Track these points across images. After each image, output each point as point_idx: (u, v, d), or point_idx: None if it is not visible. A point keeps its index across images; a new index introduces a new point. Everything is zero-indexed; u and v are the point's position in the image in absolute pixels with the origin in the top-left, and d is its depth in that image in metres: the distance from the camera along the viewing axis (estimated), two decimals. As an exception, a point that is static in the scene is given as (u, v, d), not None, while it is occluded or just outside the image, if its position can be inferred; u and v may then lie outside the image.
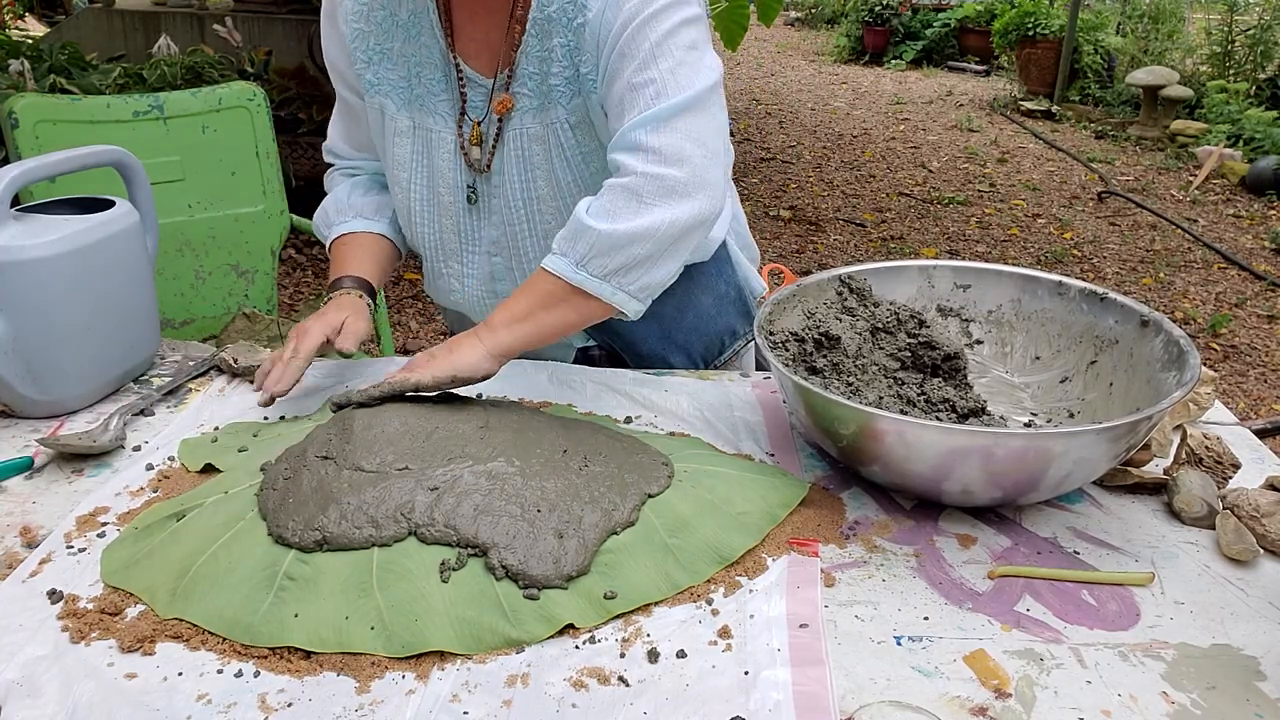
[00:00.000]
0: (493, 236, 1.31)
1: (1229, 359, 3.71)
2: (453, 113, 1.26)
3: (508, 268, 1.33)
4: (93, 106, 1.96)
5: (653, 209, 1.08)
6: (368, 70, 1.27)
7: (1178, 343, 1.08)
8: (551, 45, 1.17)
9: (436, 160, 1.28)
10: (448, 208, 1.30)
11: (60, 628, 0.85)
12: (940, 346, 1.18)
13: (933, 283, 1.31)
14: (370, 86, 1.28)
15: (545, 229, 1.28)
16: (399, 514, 0.92)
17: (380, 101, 1.28)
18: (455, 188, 1.29)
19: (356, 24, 1.26)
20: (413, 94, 1.27)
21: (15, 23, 6.62)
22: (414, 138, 1.28)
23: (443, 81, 1.25)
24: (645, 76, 1.10)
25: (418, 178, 1.30)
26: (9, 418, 1.21)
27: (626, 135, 1.10)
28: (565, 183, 1.25)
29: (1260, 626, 0.88)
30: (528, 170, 1.25)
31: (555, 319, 1.12)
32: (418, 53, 1.24)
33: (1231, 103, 6.63)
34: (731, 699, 0.78)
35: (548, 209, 1.27)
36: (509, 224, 1.29)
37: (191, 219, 2.07)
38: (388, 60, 1.26)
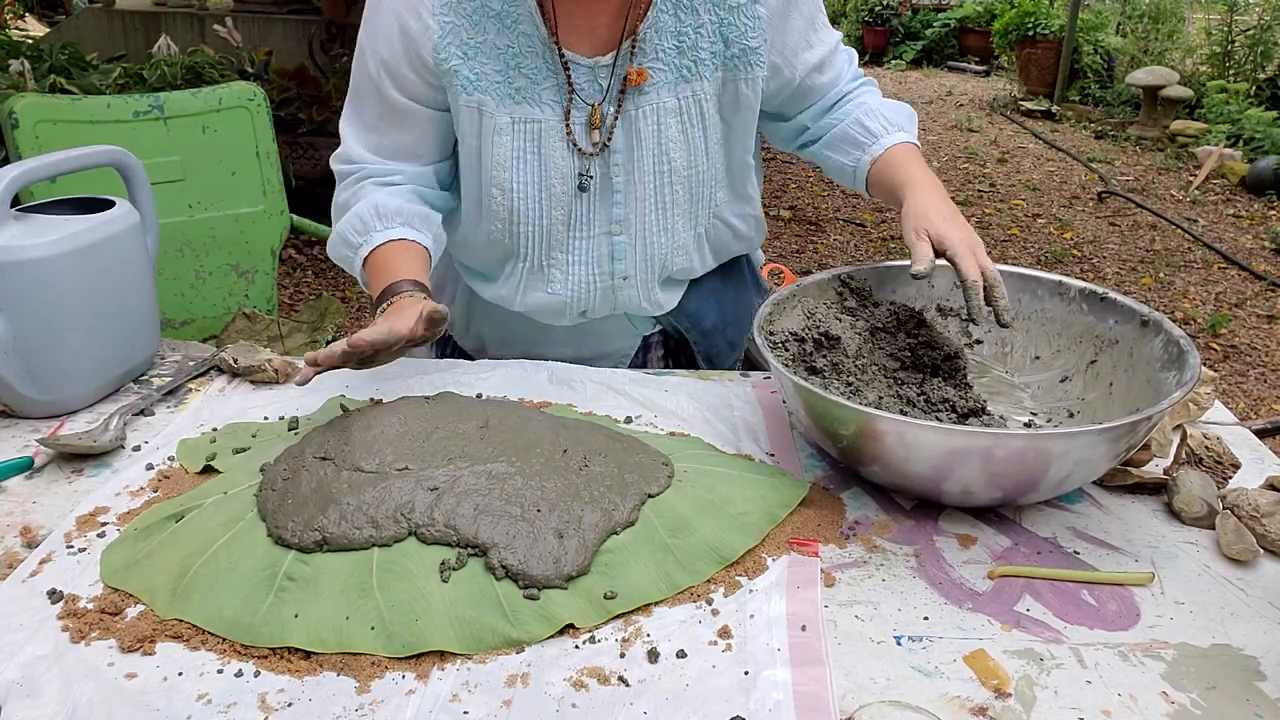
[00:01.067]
0: (616, 215, 1.30)
1: (1229, 359, 3.72)
2: (558, 100, 1.24)
3: (630, 245, 1.32)
4: (93, 106, 1.97)
5: None
6: (464, 66, 1.21)
7: (1178, 343, 1.08)
8: (700, 21, 1.22)
9: (547, 151, 1.25)
10: (559, 197, 1.27)
11: (60, 628, 0.85)
12: (940, 346, 1.18)
13: (932, 282, 1.31)
14: (467, 83, 1.22)
15: (672, 199, 1.29)
16: (399, 514, 0.92)
17: (479, 99, 1.23)
18: (567, 176, 1.26)
19: (447, 18, 1.20)
20: (512, 87, 1.23)
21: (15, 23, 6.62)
22: (514, 133, 1.24)
23: (544, 69, 1.22)
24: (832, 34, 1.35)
25: (523, 174, 1.26)
26: (9, 418, 1.21)
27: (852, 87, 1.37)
28: (700, 154, 1.29)
29: (1260, 626, 0.88)
30: (661, 144, 1.26)
31: None
32: (515, 43, 1.21)
33: (1231, 103, 6.63)
34: (731, 699, 0.78)
35: (678, 180, 1.28)
36: (637, 199, 1.28)
37: (191, 219, 2.07)
38: (483, 54, 1.21)
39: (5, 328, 1.15)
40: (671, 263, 1.35)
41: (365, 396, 1.25)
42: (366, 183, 1.29)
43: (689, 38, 1.22)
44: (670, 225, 1.32)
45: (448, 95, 1.25)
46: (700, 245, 1.38)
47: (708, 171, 1.31)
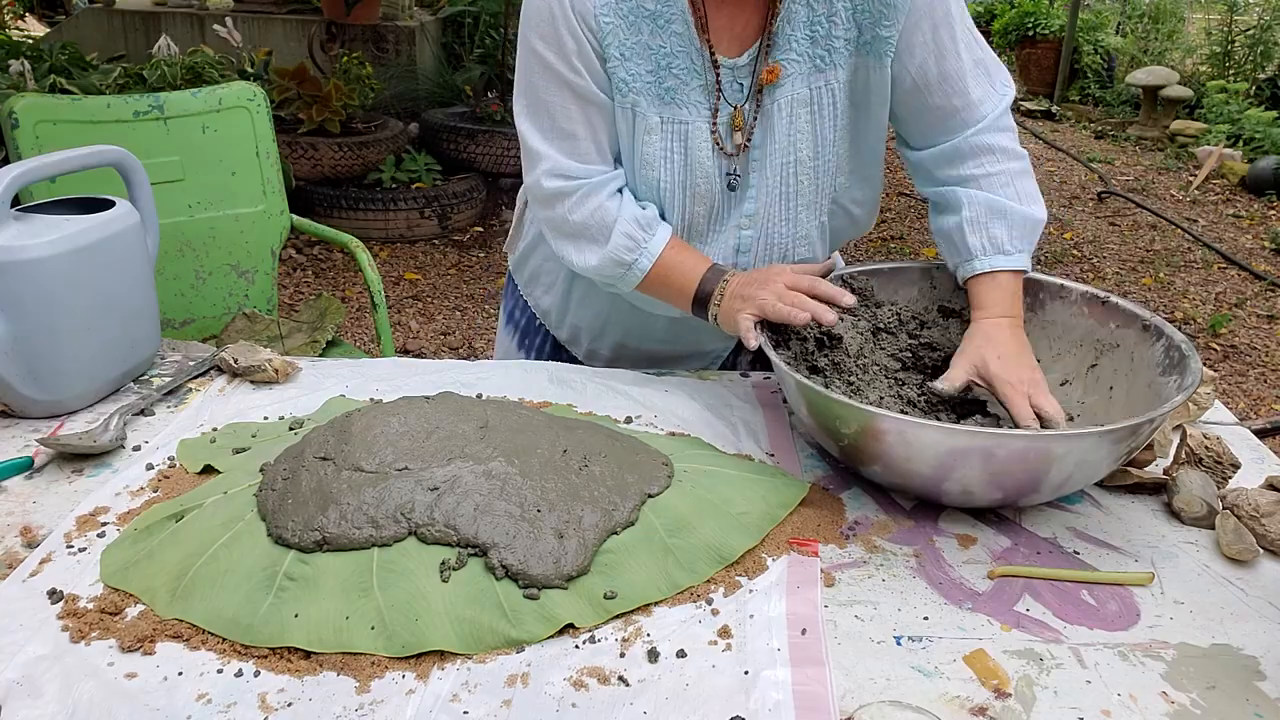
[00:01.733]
0: (747, 210, 1.30)
1: (1229, 359, 3.72)
2: (706, 100, 1.24)
3: (756, 238, 1.32)
4: (93, 106, 1.96)
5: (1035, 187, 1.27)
6: (620, 67, 1.21)
7: (1179, 347, 1.08)
8: (834, 10, 1.20)
9: (694, 151, 1.25)
10: (703, 196, 1.27)
11: (60, 628, 0.85)
12: (941, 348, 1.18)
13: (934, 284, 1.31)
14: (623, 84, 1.22)
15: (797, 191, 1.29)
16: (399, 514, 0.92)
17: (633, 100, 1.23)
18: (712, 176, 1.27)
19: (608, 19, 1.19)
20: (663, 87, 1.23)
21: (15, 23, 6.61)
22: (663, 133, 1.24)
23: (691, 70, 1.23)
24: (975, 56, 1.25)
25: (669, 173, 1.26)
26: (9, 418, 1.21)
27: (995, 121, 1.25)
28: (827, 144, 1.28)
29: (1260, 626, 0.88)
30: (792, 136, 1.25)
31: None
32: (667, 43, 1.21)
33: (1231, 103, 6.63)
34: (731, 699, 0.78)
35: (804, 172, 1.28)
36: (766, 193, 1.29)
37: (191, 219, 2.06)
38: (637, 55, 1.22)
39: (5, 328, 1.15)
40: (794, 253, 1.34)
41: (365, 396, 1.25)
42: (599, 197, 1.26)
43: (822, 27, 1.22)
44: (794, 216, 1.31)
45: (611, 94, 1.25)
46: (822, 234, 1.37)
47: (833, 160, 1.30)
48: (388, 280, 4.17)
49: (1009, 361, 1.10)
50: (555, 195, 1.26)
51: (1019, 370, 1.09)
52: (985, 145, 1.24)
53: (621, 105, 1.24)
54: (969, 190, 1.24)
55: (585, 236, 1.27)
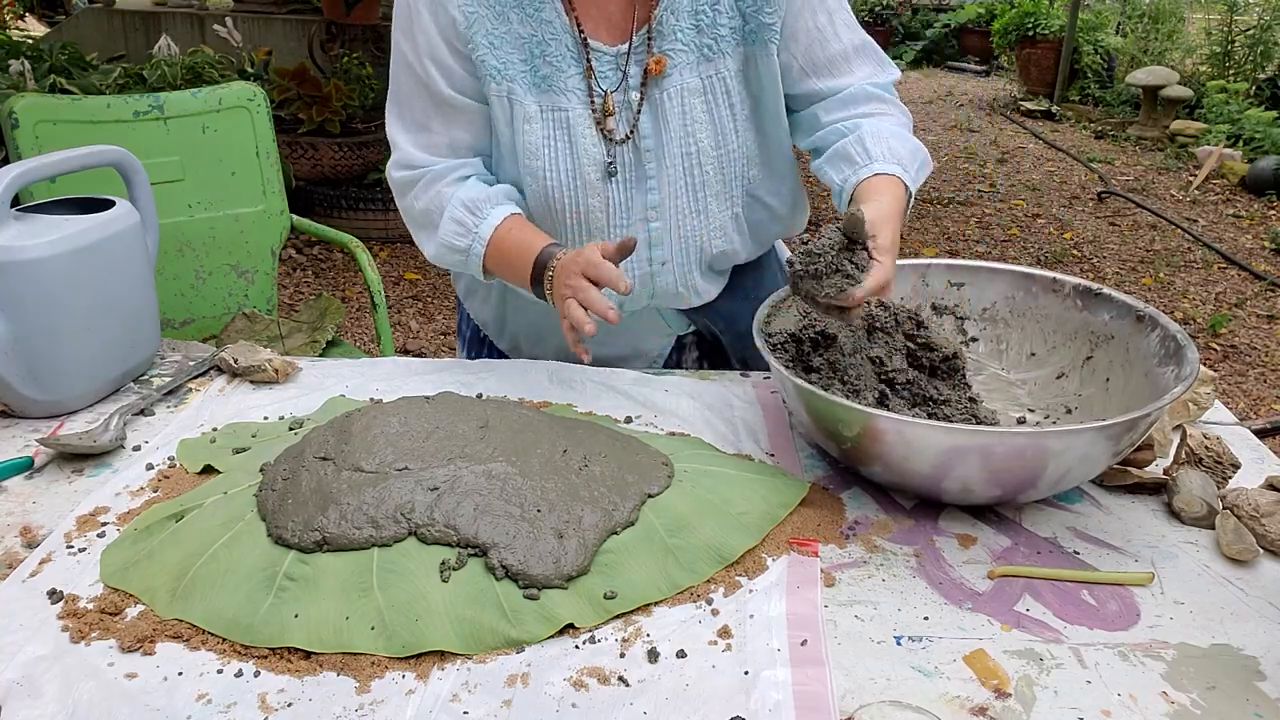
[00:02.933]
0: (651, 202, 1.29)
1: (1229, 359, 3.72)
2: (583, 87, 1.24)
3: (665, 230, 1.31)
4: (93, 106, 1.96)
5: None
6: (490, 55, 1.22)
7: (1174, 337, 1.08)
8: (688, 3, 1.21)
9: (577, 138, 1.25)
10: (594, 185, 1.27)
11: (60, 628, 0.85)
12: (939, 348, 1.18)
13: (927, 281, 1.31)
14: (495, 73, 1.22)
15: (702, 180, 1.29)
16: (399, 514, 0.92)
17: (507, 88, 1.23)
18: (600, 163, 1.26)
19: (470, 8, 1.20)
20: (538, 75, 1.23)
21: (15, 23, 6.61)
22: (544, 121, 1.24)
23: (568, 56, 1.23)
24: (861, 38, 1.29)
25: (556, 162, 1.25)
26: (9, 418, 1.21)
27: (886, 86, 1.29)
28: (729, 133, 1.28)
29: (1260, 626, 0.88)
30: (687, 125, 1.25)
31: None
32: (538, 30, 1.22)
33: (1231, 103, 6.63)
34: (731, 699, 0.78)
35: (709, 162, 1.28)
36: (668, 183, 1.28)
37: (191, 219, 2.06)
38: (507, 43, 1.22)
39: (5, 328, 1.15)
40: (710, 245, 1.34)
41: (365, 396, 1.25)
42: (440, 185, 1.27)
43: (706, 16, 1.22)
44: (704, 207, 1.31)
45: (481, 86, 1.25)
46: (739, 226, 1.36)
47: (738, 150, 1.30)
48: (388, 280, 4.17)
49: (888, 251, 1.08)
50: (402, 185, 1.29)
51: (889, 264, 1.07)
52: (877, 95, 1.29)
53: (498, 94, 1.24)
54: (868, 119, 1.26)
55: (428, 225, 1.28)
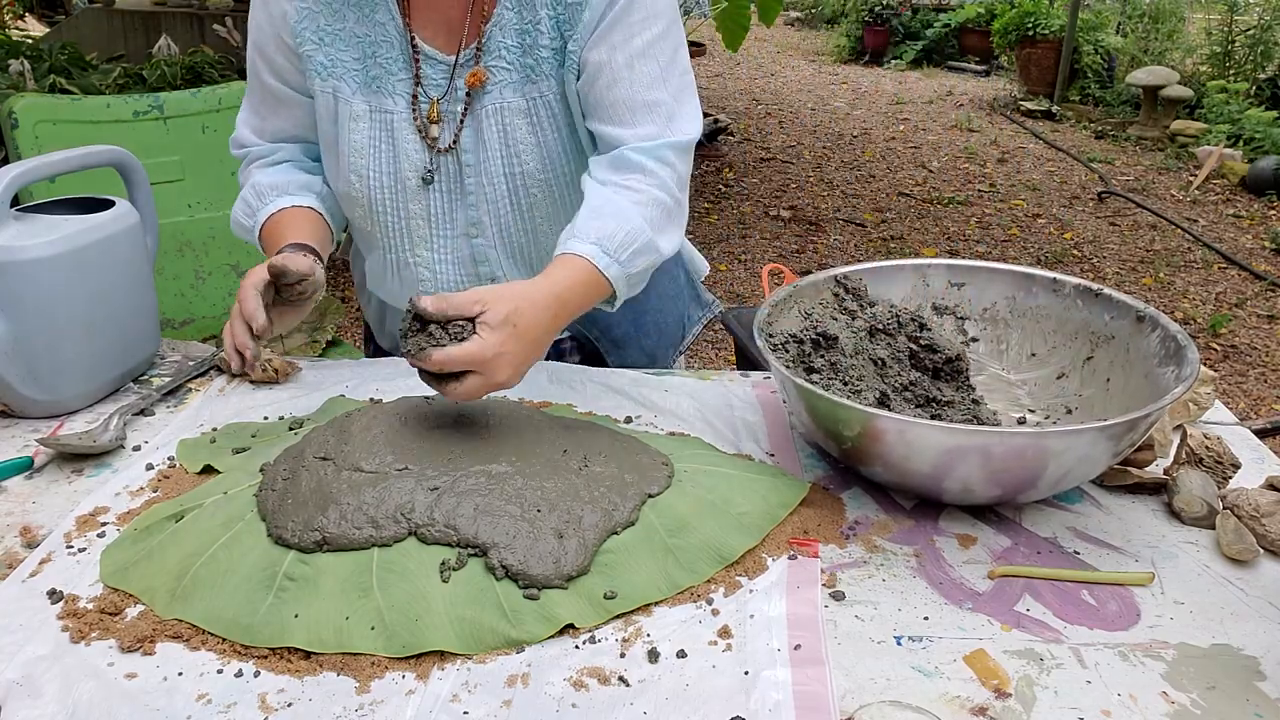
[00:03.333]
0: (471, 218, 1.27)
1: (1229, 359, 3.71)
2: (410, 92, 1.22)
3: (491, 247, 1.29)
4: (93, 106, 1.96)
5: (678, 234, 1.21)
6: (319, 52, 1.22)
7: (1175, 338, 1.08)
8: (538, 17, 1.17)
9: (400, 142, 1.23)
10: (414, 191, 1.26)
11: (60, 628, 0.85)
12: (942, 349, 1.18)
13: (927, 281, 1.31)
14: (321, 69, 1.22)
15: (531, 203, 1.26)
16: (399, 514, 0.92)
17: (334, 85, 1.23)
18: (421, 169, 1.25)
19: (303, 3, 1.20)
20: (368, 75, 1.22)
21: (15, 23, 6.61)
22: (371, 121, 1.23)
23: (400, 60, 1.21)
24: (656, 96, 1.18)
25: (378, 163, 1.25)
26: (9, 418, 1.21)
27: (661, 150, 1.17)
28: (555, 157, 1.24)
29: (1260, 626, 0.88)
30: (510, 145, 1.22)
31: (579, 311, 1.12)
32: (372, 31, 1.21)
33: (1231, 103, 6.62)
34: (731, 699, 0.78)
35: (536, 185, 1.24)
36: (491, 202, 1.25)
37: (191, 219, 2.07)
38: (340, 41, 1.21)
39: (5, 328, 1.15)
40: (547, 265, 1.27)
41: (365, 396, 1.25)
42: (251, 166, 1.32)
43: (530, 35, 1.18)
44: (534, 228, 1.28)
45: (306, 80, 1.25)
46: None
47: (570, 174, 1.25)
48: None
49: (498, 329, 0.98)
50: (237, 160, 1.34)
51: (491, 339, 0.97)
52: (639, 165, 1.16)
53: (323, 90, 1.24)
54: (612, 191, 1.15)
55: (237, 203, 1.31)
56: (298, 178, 1.31)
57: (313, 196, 1.29)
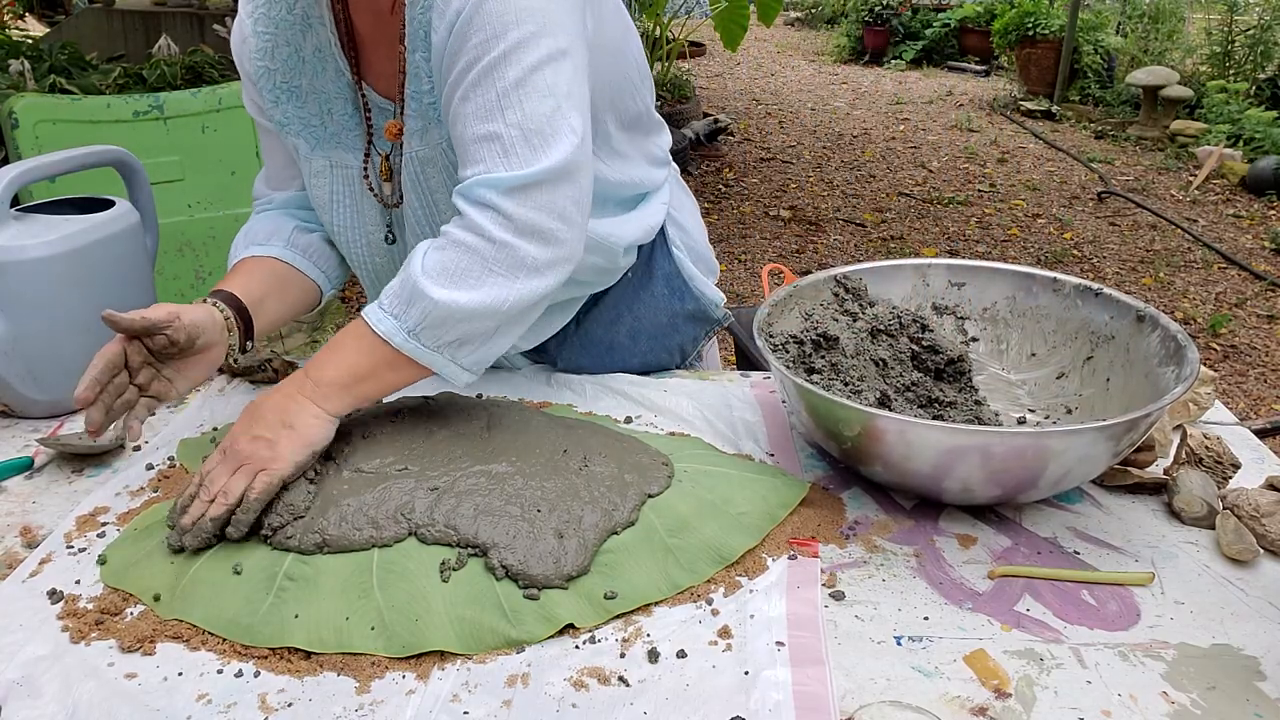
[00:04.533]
0: None
1: (1229, 359, 3.71)
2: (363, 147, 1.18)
3: None
4: (93, 106, 1.97)
5: (498, 282, 0.98)
6: (276, 110, 1.18)
7: (1175, 338, 1.08)
8: (416, 60, 1.07)
9: (360, 197, 1.20)
10: (378, 245, 1.22)
11: (60, 628, 0.85)
12: (944, 350, 1.18)
13: (927, 281, 1.31)
14: (281, 126, 1.19)
15: None
16: (399, 514, 0.92)
17: (293, 142, 1.19)
18: (380, 225, 1.21)
19: (261, 61, 1.15)
20: (326, 131, 1.18)
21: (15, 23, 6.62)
22: (332, 176, 1.20)
23: (354, 114, 1.17)
24: (489, 129, 0.99)
25: (341, 216, 1.21)
26: (9, 418, 1.21)
27: (475, 190, 0.98)
28: None
29: (1260, 626, 0.88)
30: (427, 194, 1.14)
31: (384, 384, 1.01)
32: (326, 87, 1.16)
33: (1231, 103, 6.62)
34: (731, 699, 0.78)
35: None
36: None
37: (191, 219, 2.07)
38: (296, 98, 1.17)
39: (5, 328, 1.15)
40: None
41: (365, 396, 1.25)
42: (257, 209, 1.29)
43: (425, 82, 1.08)
44: None
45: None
46: None
47: None
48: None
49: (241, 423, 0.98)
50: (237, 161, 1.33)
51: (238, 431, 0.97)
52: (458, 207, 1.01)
53: (288, 145, 1.21)
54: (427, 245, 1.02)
55: None
56: (270, 224, 1.24)
57: (280, 244, 1.21)
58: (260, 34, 1.15)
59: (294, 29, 1.14)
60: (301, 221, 1.27)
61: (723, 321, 1.43)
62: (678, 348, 1.39)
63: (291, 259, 1.22)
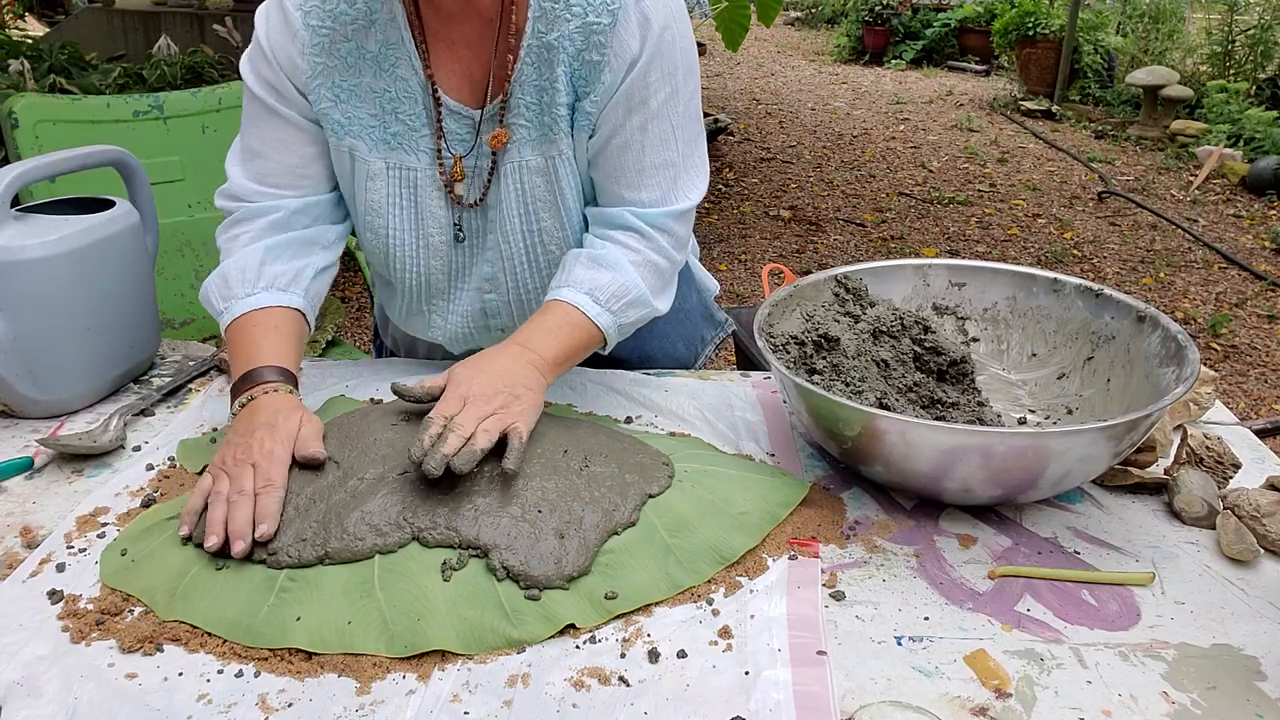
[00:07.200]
0: (486, 273, 1.25)
1: (1229, 359, 3.71)
2: (434, 148, 1.18)
3: (504, 303, 1.27)
4: (93, 106, 1.96)
5: (671, 292, 1.23)
6: (335, 110, 1.16)
7: (1175, 338, 1.08)
8: (555, 75, 1.12)
9: (423, 199, 1.19)
10: (438, 247, 1.22)
11: (60, 628, 0.85)
12: (946, 352, 1.18)
13: (928, 281, 1.31)
14: (339, 127, 1.17)
15: (548, 259, 1.23)
16: (401, 520, 0.92)
17: (350, 143, 1.17)
18: (446, 227, 1.22)
19: (319, 58, 1.14)
20: (388, 132, 1.17)
21: (15, 23, 6.62)
22: (389, 179, 1.18)
23: (423, 115, 1.17)
24: (665, 157, 1.16)
25: (399, 221, 1.21)
26: (9, 418, 1.21)
27: (659, 218, 1.17)
28: (571, 212, 1.20)
29: (1260, 626, 0.88)
30: (529, 204, 1.19)
31: (571, 366, 1.15)
32: (392, 87, 1.15)
33: (1231, 102, 6.62)
34: (732, 699, 0.78)
35: (551, 241, 1.22)
36: (506, 259, 1.23)
37: (191, 219, 2.07)
38: (356, 97, 1.16)
39: (5, 328, 1.15)
40: None
41: (365, 396, 1.25)
42: (241, 227, 1.20)
43: (548, 93, 1.13)
44: (545, 284, 1.24)
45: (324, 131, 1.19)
46: None
47: (578, 227, 1.23)
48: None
49: (479, 374, 1.03)
50: (223, 214, 1.22)
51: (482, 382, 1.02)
52: (638, 228, 1.17)
53: (338, 148, 1.18)
54: (606, 245, 1.17)
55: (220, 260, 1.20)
56: (291, 264, 1.19)
57: (299, 294, 1.17)
58: (315, 29, 1.13)
59: (355, 24, 1.13)
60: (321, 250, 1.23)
61: (726, 327, 1.51)
62: (699, 339, 1.47)
63: (309, 317, 1.20)
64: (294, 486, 0.96)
